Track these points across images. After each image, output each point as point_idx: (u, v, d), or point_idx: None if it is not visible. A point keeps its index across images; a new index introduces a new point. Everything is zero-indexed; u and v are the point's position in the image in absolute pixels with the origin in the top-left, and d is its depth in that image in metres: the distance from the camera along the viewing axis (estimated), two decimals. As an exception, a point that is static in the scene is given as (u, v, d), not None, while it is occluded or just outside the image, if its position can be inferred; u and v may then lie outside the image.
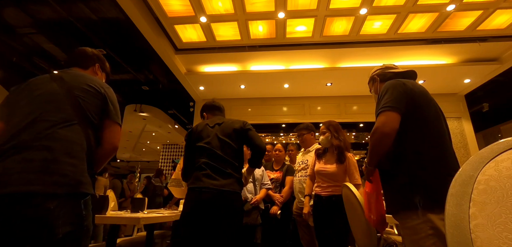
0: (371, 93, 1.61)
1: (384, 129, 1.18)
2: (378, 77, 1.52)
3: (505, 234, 0.62)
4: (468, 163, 0.72)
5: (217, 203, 1.55)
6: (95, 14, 3.67)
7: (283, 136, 7.79)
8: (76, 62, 1.30)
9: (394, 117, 1.18)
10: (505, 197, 0.65)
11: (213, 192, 1.55)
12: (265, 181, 2.83)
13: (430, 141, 1.18)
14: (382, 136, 1.19)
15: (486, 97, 5.84)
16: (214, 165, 1.63)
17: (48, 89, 1.09)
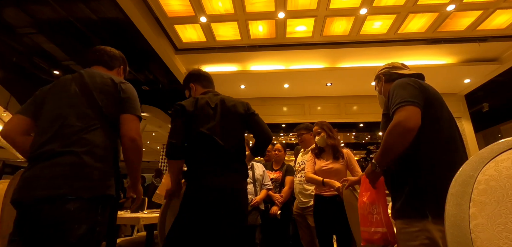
0: (377, 92, 1.52)
1: (408, 124, 1.05)
2: (384, 76, 1.45)
3: (505, 234, 0.62)
4: (468, 163, 0.72)
5: (224, 204, 1.33)
6: (95, 14, 3.67)
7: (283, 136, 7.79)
8: (101, 61, 1.33)
9: (416, 111, 1.08)
10: (505, 197, 0.65)
11: (220, 192, 1.33)
12: (266, 181, 2.82)
13: (443, 145, 1.10)
14: (405, 131, 1.06)
15: (486, 97, 5.84)
16: (219, 159, 1.37)
17: (71, 92, 1.14)
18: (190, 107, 1.44)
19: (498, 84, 5.16)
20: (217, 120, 1.43)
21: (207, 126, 1.39)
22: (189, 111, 1.42)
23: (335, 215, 2.14)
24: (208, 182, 1.33)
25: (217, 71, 4.79)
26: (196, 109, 1.43)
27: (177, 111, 1.43)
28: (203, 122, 1.40)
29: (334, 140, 2.34)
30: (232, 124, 1.47)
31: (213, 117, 1.43)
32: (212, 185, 1.32)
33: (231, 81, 5.05)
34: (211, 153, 1.37)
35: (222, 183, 1.34)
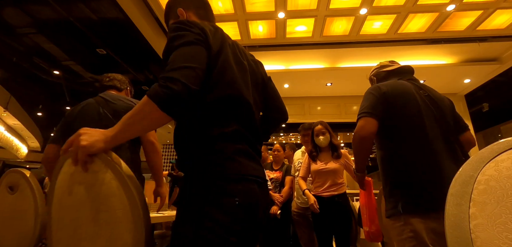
0: None
1: (361, 133, 1.22)
2: (375, 77, 1.52)
3: (505, 234, 0.62)
4: (468, 163, 0.72)
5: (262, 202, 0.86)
6: (95, 14, 3.67)
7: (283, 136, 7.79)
8: (114, 86, 1.59)
9: (370, 121, 1.21)
10: (505, 197, 0.65)
11: (262, 185, 0.86)
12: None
13: (410, 143, 1.18)
14: (360, 139, 1.23)
15: (486, 97, 5.84)
16: (252, 137, 0.86)
17: (100, 114, 1.35)
18: (214, 40, 0.82)
19: (498, 84, 5.16)
20: (252, 79, 0.95)
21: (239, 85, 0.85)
22: (214, 47, 0.81)
23: (334, 215, 2.15)
24: (249, 169, 0.81)
25: (217, 71, 4.79)
26: (222, 50, 0.84)
27: (196, 33, 0.78)
28: (232, 79, 0.84)
29: (337, 141, 2.43)
30: (258, 86, 1.00)
31: (246, 72, 0.91)
32: (254, 174, 0.82)
33: (231, 81, 5.05)
34: (246, 128, 0.85)
35: (260, 172, 0.86)
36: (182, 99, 0.68)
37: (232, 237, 0.73)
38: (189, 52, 0.74)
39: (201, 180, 0.77)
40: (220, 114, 0.80)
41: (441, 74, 4.67)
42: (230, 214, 0.74)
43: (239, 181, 0.77)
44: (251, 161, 0.82)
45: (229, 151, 0.78)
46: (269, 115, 1.10)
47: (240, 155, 0.80)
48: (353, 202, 3.11)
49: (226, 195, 0.74)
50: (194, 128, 0.80)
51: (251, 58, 1.03)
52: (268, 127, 1.11)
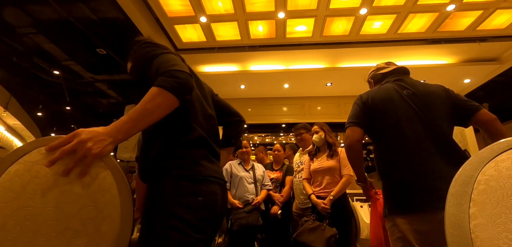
0: None
1: (347, 142, 1.29)
2: (372, 79, 1.57)
3: (505, 234, 0.62)
4: (468, 163, 0.72)
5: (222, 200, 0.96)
6: (95, 14, 3.67)
7: (283, 136, 7.79)
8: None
9: (354, 130, 1.28)
10: (505, 197, 0.65)
11: (222, 184, 0.97)
12: (266, 182, 2.83)
13: (390, 146, 1.22)
14: (348, 148, 1.30)
15: (486, 97, 5.84)
16: (213, 143, 0.99)
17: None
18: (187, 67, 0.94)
19: (498, 84, 5.16)
20: (208, 91, 1.13)
21: (202, 93, 1.04)
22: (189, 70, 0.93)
23: (333, 215, 2.15)
24: (210, 171, 0.91)
25: (217, 71, 4.79)
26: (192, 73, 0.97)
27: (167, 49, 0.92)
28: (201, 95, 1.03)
29: (332, 139, 2.41)
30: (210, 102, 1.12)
31: (203, 89, 1.08)
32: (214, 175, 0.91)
33: (231, 81, 5.05)
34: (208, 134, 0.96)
35: (219, 173, 0.96)
36: (189, 86, 0.80)
37: (195, 232, 0.81)
38: (174, 58, 0.86)
39: (169, 180, 0.83)
40: (187, 123, 0.90)
41: (441, 74, 4.67)
42: (194, 212, 0.82)
43: (202, 182, 0.87)
44: (212, 164, 0.94)
45: (193, 156, 0.88)
46: (230, 121, 1.23)
47: (203, 159, 0.90)
48: (353, 202, 3.11)
49: (191, 194, 0.83)
50: (163, 135, 0.88)
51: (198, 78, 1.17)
52: (235, 132, 1.23)
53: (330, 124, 2.53)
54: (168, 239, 0.77)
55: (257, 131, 7.77)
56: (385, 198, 1.22)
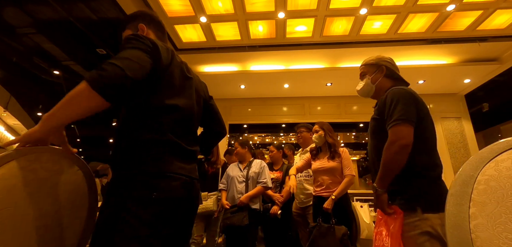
0: (366, 77, 1.51)
1: (403, 142, 1.14)
2: (387, 70, 1.43)
3: (505, 234, 0.62)
4: (468, 163, 0.72)
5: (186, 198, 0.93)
6: (95, 14, 3.67)
7: (283, 136, 7.79)
8: None
9: (410, 130, 1.16)
10: (505, 197, 0.65)
11: (187, 183, 0.92)
12: (261, 178, 2.62)
13: (431, 152, 1.23)
14: (403, 149, 1.14)
15: (486, 97, 5.84)
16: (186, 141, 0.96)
17: None
18: (165, 55, 0.93)
19: (498, 84, 5.16)
20: (193, 91, 1.05)
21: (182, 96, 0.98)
22: (164, 61, 0.92)
23: (335, 216, 2.15)
24: (176, 168, 0.88)
25: (217, 71, 4.79)
26: (171, 65, 0.95)
27: (147, 45, 0.88)
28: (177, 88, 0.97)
29: (333, 139, 2.40)
30: (200, 102, 1.12)
31: (188, 84, 1.03)
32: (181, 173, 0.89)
33: (231, 81, 5.05)
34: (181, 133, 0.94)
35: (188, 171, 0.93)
36: (115, 79, 0.73)
37: (146, 228, 0.78)
38: (136, 54, 0.83)
39: (126, 173, 0.83)
40: (157, 119, 0.88)
41: (441, 74, 4.67)
42: (146, 207, 0.79)
43: (160, 177, 0.83)
44: (180, 162, 0.90)
45: (157, 151, 0.86)
46: (212, 128, 1.24)
47: (168, 155, 0.88)
48: (353, 202, 3.11)
49: (145, 189, 0.80)
50: (131, 128, 0.88)
51: (197, 78, 1.15)
52: (211, 140, 1.26)
53: (330, 124, 2.52)
54: (115, 231, 0.76)
55: (257, 131, 7.77)
56: (416, 196, 1.14)
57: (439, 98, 5.40)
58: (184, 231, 0.97)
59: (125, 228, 0.76)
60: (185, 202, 0.92)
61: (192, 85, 1.05)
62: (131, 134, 0.88)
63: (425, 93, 5.36)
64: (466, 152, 5.08)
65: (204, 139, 1.23)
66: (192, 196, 0.95)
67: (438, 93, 5.37)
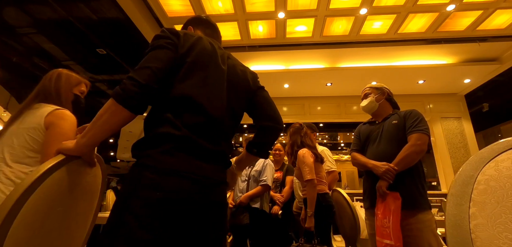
0: (370, 96, 1.86)
1: (424, 147, 1.52)
2: (388, 95, 1.85)
3: (505, 234, 0.62)
4: (468, 163, 0.72)
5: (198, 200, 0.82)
6: (95, 14, 3.67)
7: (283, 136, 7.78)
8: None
9: (428, 142, 1.56)
10: (505, 197, 0.65)
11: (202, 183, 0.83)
12: (263, 177, 2.59)
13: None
14: (422, 151, 1.53)
15: (486, 97, 5.84)
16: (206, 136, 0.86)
17: None
18: (184, 43, 0.91)
19: (498, 84, 5.16)
20: (222, 76, 0.97)
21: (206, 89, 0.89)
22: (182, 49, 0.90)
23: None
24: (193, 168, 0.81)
25: (217, 71, 4.78)
26: (192, 53, 0.91)
27: (165, 38, 0.89)
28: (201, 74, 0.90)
29: (288, 145, 2.27)
30: (238, 90, 1.02)
31: (217, 70, 0.95)
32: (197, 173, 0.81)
33: (231, 81, 5.04)
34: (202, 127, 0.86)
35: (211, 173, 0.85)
36: (133, 93, 0.77)
37: (147, 232, 0.71)
38: (153, 55, 0.85)
39: (135, 169, 0.79)
40: (176, 112, 0.83)
41: (441, 74, 4.67)
42: (150, 208, 0.73)
43: (167, 175, 0.76)
44: (194, 159, 0.81)
45: (170, 147, 0.79)
46: (261, 124, 1.06)
47: (180, 151, 0.80)
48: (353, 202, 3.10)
49: (149, 188, 0.74)
50: (150, 122, 0.86)
51: (240, 66, 1.09)
52: (262, 137, 1.06)
53: (330, 124, 2.52)
54: (114, 233, 0.72)
55: (257, 131, 7.77)
56: (425, 197, 1.54)
57: (439, 98, 5.40)
58: (203, 238, 0.83)
59: (123, 231, 0.71)
60: (199, 205, 0.81)
61: (222, 77, 0.96)
62: (149, 128, 0.85)
63: (425, 93, 5.37)
64: (466, 152, 5.08)
65: (257, 138, 1.06)
66: (211, 200, 0.85)
67: (438, 93, 5.38)
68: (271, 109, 1.07)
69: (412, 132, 1.57)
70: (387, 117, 1.77)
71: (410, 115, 1.65)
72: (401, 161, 1.53)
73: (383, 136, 1.70)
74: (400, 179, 1.52)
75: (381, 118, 1.81)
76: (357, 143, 1.90)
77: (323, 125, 6.52)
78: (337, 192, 2.32)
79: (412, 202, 1.50)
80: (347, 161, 10.05)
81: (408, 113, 1.66)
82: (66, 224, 0.89)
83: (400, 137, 1.63)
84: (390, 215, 1.46)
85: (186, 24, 1.17)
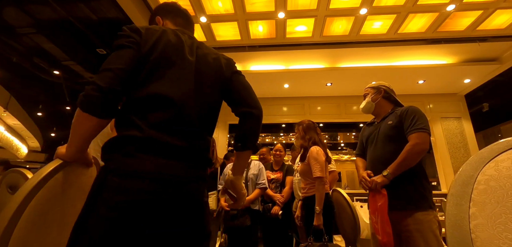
0: (367, 97, 1.82)
1: (425, 147, 1.46)
2: (384, 92, 1.77)
3: (505, 234, 0.62)
4: (468, 163, 0.72)
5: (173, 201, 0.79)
6: (95, 14, 3.67)
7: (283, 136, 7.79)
8: None
9: (429, 140, 1.49)
10: (505, 197, 0.65)
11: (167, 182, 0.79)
12: (260, 180, 2.66)
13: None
14: (423, 151, 1.46)
15: (486, 97, 5.84)
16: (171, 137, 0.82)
17: None
18: (152, 35, 0.89)
19: (498, 84, 5.16)
20: (190, 67, 0.92)
21: (171, 85, 0.86)
22: (150, 40, 0.87)
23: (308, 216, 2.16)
24: (144, 165, 0.76)
25: (217, 71, 4.78)
26: (162, 44, 0.89)
27: (125, 36, 0.86)
28: (166, 66, 0.87)
29: (304, 140, 2.26)
30: (209, 79, 0.96)
31: (184, 61, 0.91)
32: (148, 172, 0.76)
33: (231, 81, 5.04)
34: (168, 122, 0.82)
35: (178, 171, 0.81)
36: (94, 98, 0.75)
37: (110, 237, 0.69)
38: (114, 56, 0.83)
39: (99, 174, 0.78)
40: (139, 113, 0.81)
41: (441, 74, 4.67)
42: (113, 212, 0.71)
43: (128, 177, 0.74)
44: (157, 158, 0.77)
45: (130, 148, 0.76)
46: (239, 111, 0.99)
47: (142, 151, 0.77)
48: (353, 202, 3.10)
49: (112, 191, 0.73)
50: (117, 124, 0.84)
51: (212, 55, 1.01)
52: (242, 125, 0.98)
53: (330, 124, 2.52)
54: (78, 239, 0.71)
55: (257, 131, 7.77)
56: (426, 196, 1.49)
57: (439, 98, 5.40)
58: (171, 240, 0.78)
59: (93, 235, 0.70)
60: (163, 205, 0.76)
61: (190, 69, 0.91)
62: (117, 130, 0.83)
63: (425, 93, 5.37)
64: (466, 152, 5.08)
65: (239, 130, 0.98)
66: (180, 199, 0.80)
67: (438, 93, 5.38)
68: (246, 93, 1.01)
69: (411, 132, 1.50)
70: (385, 117, 1.71)
71: (407, 113, 1.56)
72: (399, 165, 1.46)
73: (379, 138, 1.65)
74: (397, 178, 1.48)
75: (380, 117, 1.77)
76: (359, 147, 1.89)
77: (323, 125, 6.52)
78: (337, 192, 2.32)
79: (409, 201, 1.46)
80: (347, 161, 10.06)
81: (404, 112, 1.58)
82: (65, 220, 0.92)
83: (397, 137, 1.56)
84: (377, 211, 1.46)
85: (154, 15, 1.11)
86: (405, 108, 1.60)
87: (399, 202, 1.48)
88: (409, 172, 1.48)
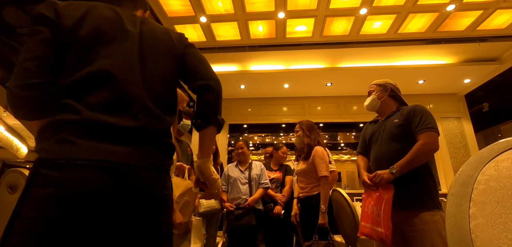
0: (373, 94, 1.78)
1: (434, 147, 1.47)
2: (391, 90, 1.74)
3: (505, 234, 0.62)
4: (468, 163, 0.72)
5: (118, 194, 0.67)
6: (95, 14, 3.67)
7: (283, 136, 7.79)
8: None
9: (438, 139, 1.50)
10: (505, 197, 0.65)
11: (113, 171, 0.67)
12: (263, 180, 2.73)
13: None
14: (432, 151, 1.48)
15: (486, 97, 5.83)
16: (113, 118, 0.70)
17: None
18: (71, 12, 0.76)
19: (498, 84, 5.16)
20: (130, 39, 0.81)
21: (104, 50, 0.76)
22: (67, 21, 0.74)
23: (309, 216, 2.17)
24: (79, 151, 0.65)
25: (217, 71, 4.75)
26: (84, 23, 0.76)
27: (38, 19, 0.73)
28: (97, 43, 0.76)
29: (311, 139, 2.27)
30: (158, 52, 0.86)
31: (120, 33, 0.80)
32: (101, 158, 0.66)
33: (231, 81, 5.05)
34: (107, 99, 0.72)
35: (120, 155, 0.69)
36: (18, 98, 0.68)
37: (36, 240, 0.58)
38: (26, 47, 0.72)
39: (32, 168, 0.66)
40: (75, 94, 0.70)
41: (441, 74, 4.67)
42: (40, 210, 0.60)
43: (63, 167, 0.62)
44: (100, 143, 0.66)
45: (65, 134, 0.65)
46: (194, 86, 0.91)
47: (81, 136, 0.65)
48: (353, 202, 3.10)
49: (40, 185, 0.62)
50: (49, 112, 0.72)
51: (160, 29, 0.91)
52: (202, 103, 0.90)
53: (330, 124, 2.52)
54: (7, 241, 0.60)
55: (257, 131, 7.77)
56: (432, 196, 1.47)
57: (439, 98, 5.40)
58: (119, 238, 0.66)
59: (15, 239, 0.59)
60: (108, 197, 0.65)
61: (132, 41, 0.80)
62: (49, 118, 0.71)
63: (425, 93, 5.37)
64: (466, 152, 5.08)
65: (197, 106, 0.91)
66: (130, 190, 0.68)
67: (438, 93, 5.38)
68: (202, 66, 0.93)
69: (421, 131, 1.48)
70: (390, 115, 1.68)
71: (415, 113, 1.55)
72: (407, 164, 1.44)
73: (384, 136, 1.63)
74: (402, 176, 1.46)
75: (385, 116, 1.73)
76: (361, 145, 1.86)
77: (323, 125, 6.53)
78: (337, 192, 2.32)
79: (415, 201, 1.45)
80: (347, 161, 10.05)
81: (412, 111, 1.56)
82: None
83: (402, 136, 1.55)
84: (382, 204, 1.44)
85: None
86: (412, 107, 1.59)
87: (404, 201, 1.45)
88: (415, 170, 1.46)
